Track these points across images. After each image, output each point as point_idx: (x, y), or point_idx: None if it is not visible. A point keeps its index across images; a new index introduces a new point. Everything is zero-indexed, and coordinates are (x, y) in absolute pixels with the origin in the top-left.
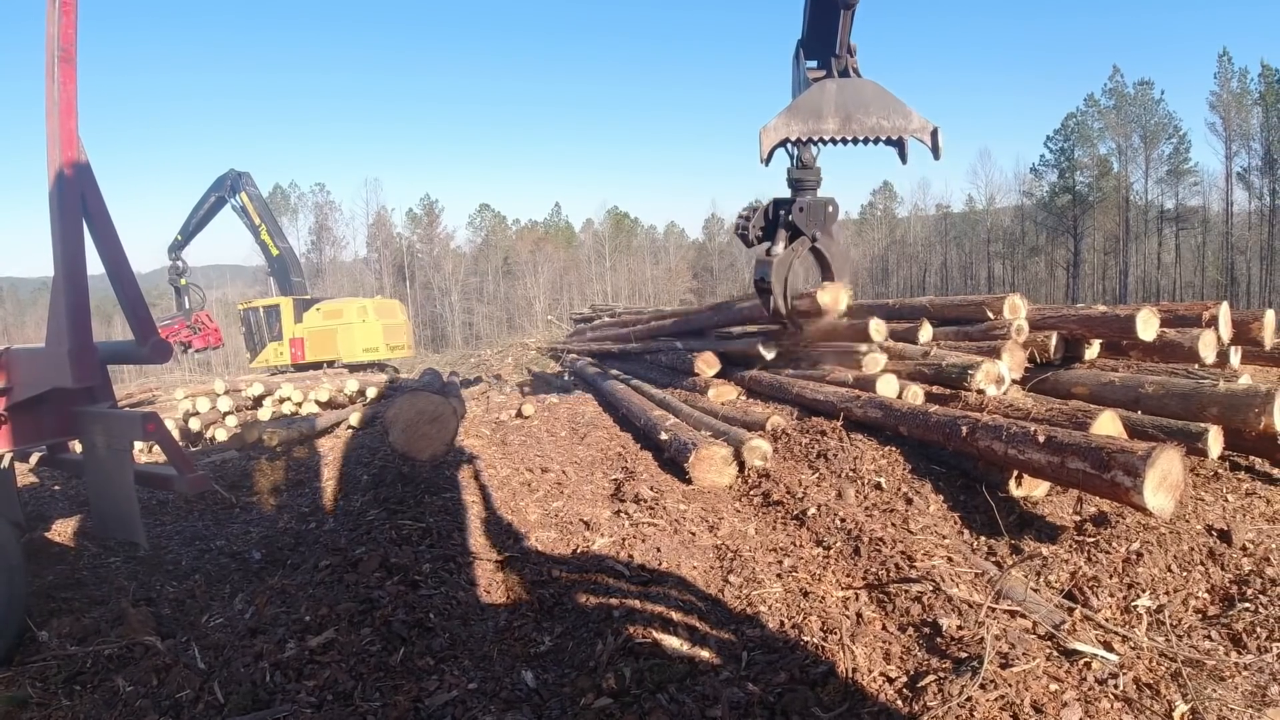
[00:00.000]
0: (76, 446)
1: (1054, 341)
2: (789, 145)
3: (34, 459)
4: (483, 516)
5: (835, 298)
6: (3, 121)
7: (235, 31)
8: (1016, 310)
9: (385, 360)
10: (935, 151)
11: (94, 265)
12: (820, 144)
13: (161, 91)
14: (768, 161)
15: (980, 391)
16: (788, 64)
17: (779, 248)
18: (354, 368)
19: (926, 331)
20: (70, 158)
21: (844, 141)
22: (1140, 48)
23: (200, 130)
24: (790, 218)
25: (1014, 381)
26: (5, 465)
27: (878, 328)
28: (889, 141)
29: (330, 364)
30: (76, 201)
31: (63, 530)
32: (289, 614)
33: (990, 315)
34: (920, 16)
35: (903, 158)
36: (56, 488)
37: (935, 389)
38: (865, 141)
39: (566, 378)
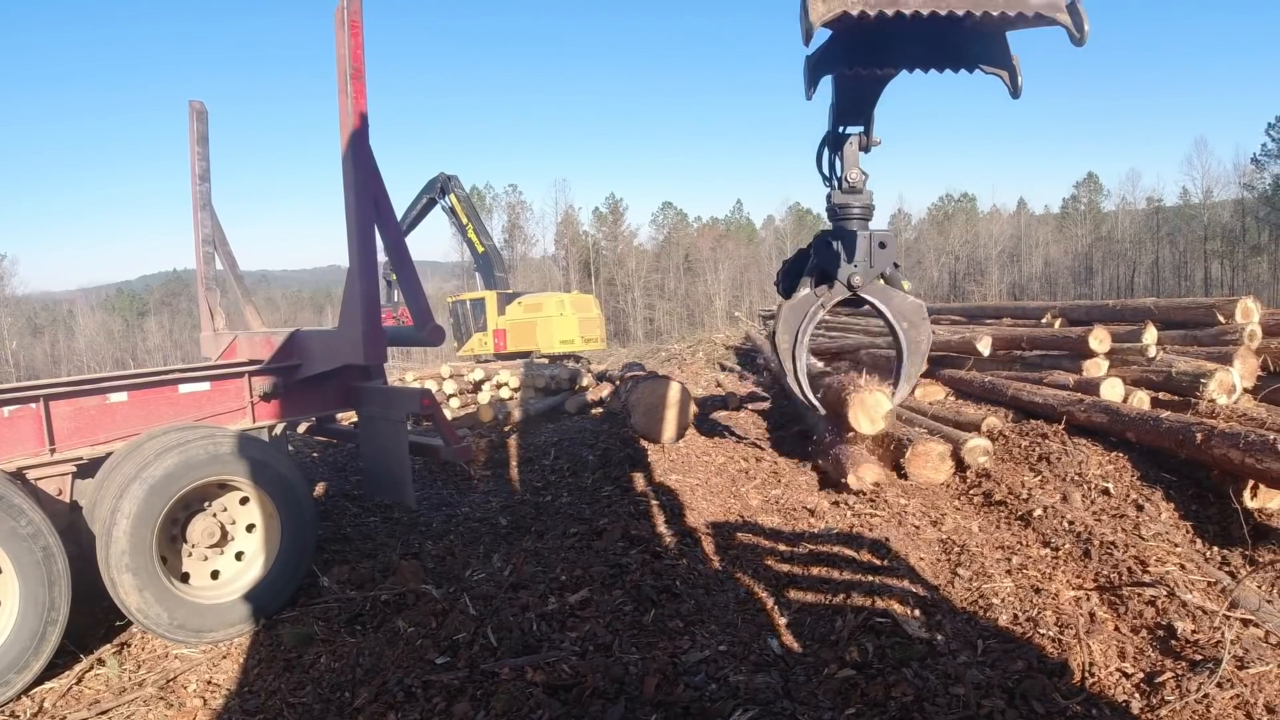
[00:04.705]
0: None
1: None
2: (822, 161)
3: (302, 427)
4: (708, 498)
5: (871, 410)
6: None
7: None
8: (1249, 314)
9: (579, 352)
10: (1078, 34)
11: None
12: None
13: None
14: (809, 40)
15: (1211, 400)
16: None
17: (801, 293)
18: (552, 358)
19: (1151, 334)
20: (364, 167)
21: (926, 66)
22: None
23: (406, 136)
24: (813, 256)
25: (1245, 390)
26: (278, 433)
27: (1100, 337)
28: (992, 62)
29: (529, 355)
30: (369, 205)
31: (324, 492)
32: (545, 573)
33: (1221, 319)
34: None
35: (1014, 87)
36: (315, 455)
37: (1161, 395)
38: (960, 64)
39: (763, 374)
